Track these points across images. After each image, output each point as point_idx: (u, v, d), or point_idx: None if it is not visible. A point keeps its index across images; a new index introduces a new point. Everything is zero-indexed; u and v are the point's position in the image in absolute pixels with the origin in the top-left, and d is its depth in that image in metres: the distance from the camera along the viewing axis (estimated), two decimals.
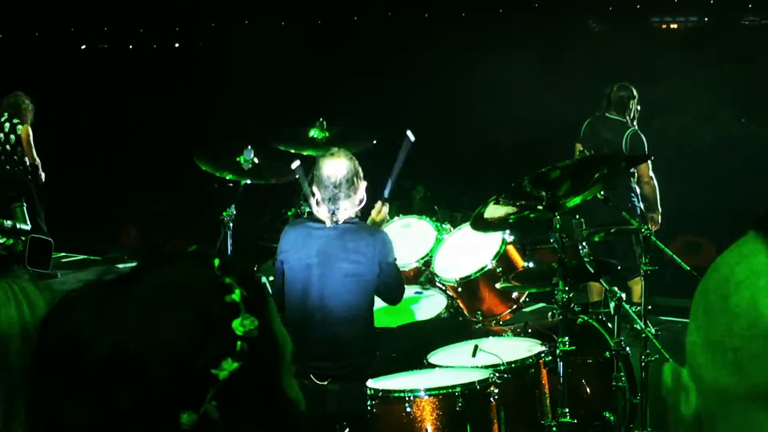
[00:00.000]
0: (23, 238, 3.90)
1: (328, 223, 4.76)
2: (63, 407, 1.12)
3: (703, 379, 0.95)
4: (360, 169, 4.83)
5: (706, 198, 11.29)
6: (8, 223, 3.98)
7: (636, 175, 7.86)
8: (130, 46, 22.77)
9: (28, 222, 4.22)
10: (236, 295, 1.18)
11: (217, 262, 1.22)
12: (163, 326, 1.14)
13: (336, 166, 4.75)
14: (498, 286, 5.12)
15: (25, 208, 4.42)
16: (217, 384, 1.13)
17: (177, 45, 23.38)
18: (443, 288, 5.48)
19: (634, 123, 8.02)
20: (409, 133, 5.60)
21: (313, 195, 4.80)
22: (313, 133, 6.10)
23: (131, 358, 1.11)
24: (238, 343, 1.16)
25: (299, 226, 4.86)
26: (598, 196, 4.88)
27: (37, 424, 1.16)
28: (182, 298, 1.17)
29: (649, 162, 7.82)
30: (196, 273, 1.21)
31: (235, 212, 5.96)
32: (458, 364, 4.56)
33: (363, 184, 4.85)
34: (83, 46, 23.16)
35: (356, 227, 4.79)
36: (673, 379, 1.00)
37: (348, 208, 4.76)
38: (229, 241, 5.98)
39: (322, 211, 4.76)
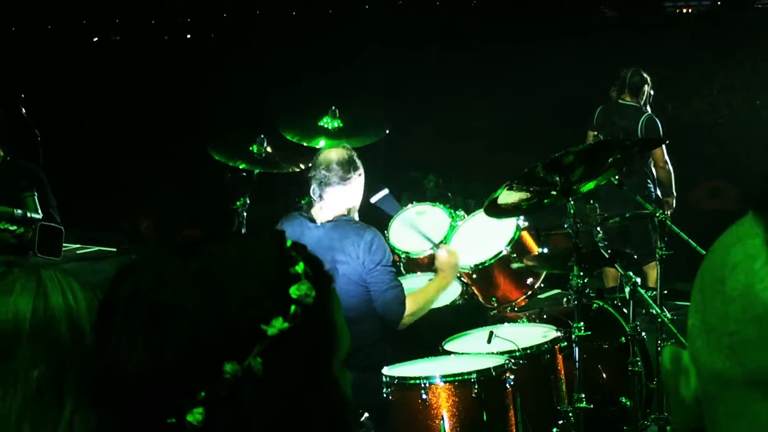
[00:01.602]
0: (34, 227, 3.89)
1: (318, 220, 4.74)
2: (118, 355, 1.17)
3: (700, 363, 0.94)
4: (358, 163, 4.79)
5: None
6: (18, 212, 3.97)
7: (652, 159, 7.86)
8: (143, 38, 22.77)
9: (40, 211, 4.22)
10: (299, 267, 1.22)
11: (289, 242, 1.27)
12: (219, 285, 1.18)
13: (331, 152, 4.76)
14: (513, 266, 5.11)
15: (36, 197, 4.42)
16: (265, 339, 1.16)
17: (189, 36, 23.38)
18: (458, 275, 5.47)
19: (648, 107, 8.01)
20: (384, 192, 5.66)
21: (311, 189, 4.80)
22: (325, 121, 6.08)
23: (182, 309, 1.16)
24: (292, 306, 1.18)
25: (294, 221, 4.84)
26: (612, 180, 4.86)
27: (95, 375, 1.20)
28: (244, 262, 1.21)
29: (664, 147, 7.82)
30: (263, 244, 1.26)
31: (248, 202, 5.96)
32: (474, 351, 4.56)
33: (358, 179, 4.80)
34: (95, 39, 23.19)
35: (342, 225, 4.74)
36: (672, 361, 0.98)
37: (336, 201, 4.74)
38: (243, 231, 5.98)
39: (315, 205, 4.77)
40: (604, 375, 4.96)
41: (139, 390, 1.16)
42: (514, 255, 5.23)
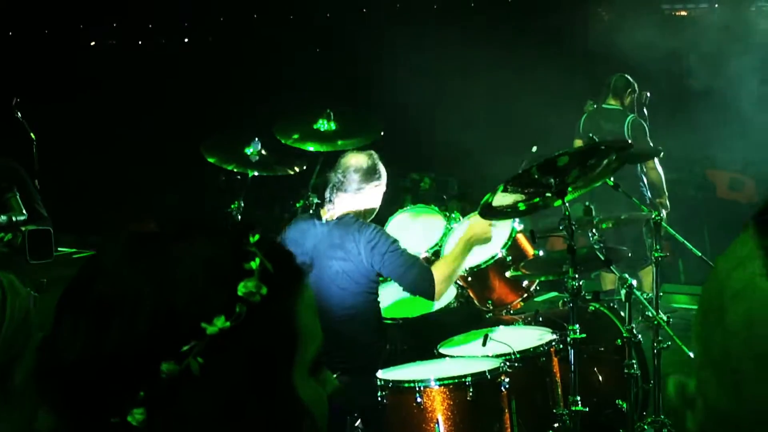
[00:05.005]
0: (23, 229, 3.84)
1: (325, 219, 4.74)
2: (66, 342, 1.13)
3: (707, 397, 0.86)
4: (379, 173, 4.79)
5: None
6: (3, 218, 3.92)
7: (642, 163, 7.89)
8: (140, 42, 22.75)
9: (24, 211, 4.16)
10: (254, 263, 1.16)
11: (257, 237, 1.20)
12: (167, 280, 1.14)
13: (351, 158, 4.75)
14: (508, 274, 5.10)
15: (18, 196, 4.37)
16: (204, 338, 1.11)
17: (186, 40, 23.36)
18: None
19: (633, 111, 8.08)
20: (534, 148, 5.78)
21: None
22: (320, 124, 6.05)
23: (123, 302, 1.12)
24: (238, 305, 1.13)
25: (302, 222, 4.86)
26: (608, 182, 4.85)
27: (45, 357, 1.17)
28: (201, 257, 1.16)
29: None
30: (223, 239, 1.21)
31: (243, 205, 5.94)
32: (469, 354, 4.55)
33: (373, 190, 4.80)
34: (92, 43, 23.18)
35: (346, 223, 4.73)
36: (677, 393, 0.91)
37: (347, 204, 4.74)
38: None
39: (326, 206, 4.77)
40: (600, 378, 4.94)
41: (76, 385, 1.12)
42: (510, 258, 5.22)
